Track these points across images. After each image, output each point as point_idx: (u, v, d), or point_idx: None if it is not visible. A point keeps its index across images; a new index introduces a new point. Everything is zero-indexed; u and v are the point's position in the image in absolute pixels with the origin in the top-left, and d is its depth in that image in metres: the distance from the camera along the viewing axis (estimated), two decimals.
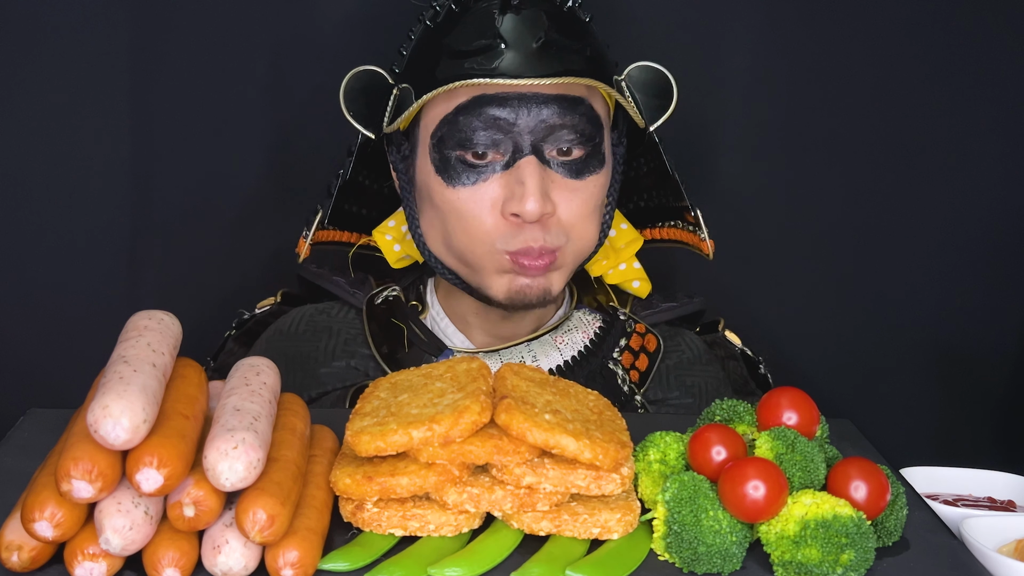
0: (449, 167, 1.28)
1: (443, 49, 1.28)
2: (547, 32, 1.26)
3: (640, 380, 1.40)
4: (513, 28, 1.26)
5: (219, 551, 0.85)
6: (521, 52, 1.25)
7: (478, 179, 1.27)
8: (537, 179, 1.25)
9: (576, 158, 1.28)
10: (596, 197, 1.31)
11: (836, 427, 1.13)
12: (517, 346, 1.39)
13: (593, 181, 1.30)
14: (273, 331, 1.45)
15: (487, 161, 1.27)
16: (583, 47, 1.28)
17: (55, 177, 1.63)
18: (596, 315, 1.45)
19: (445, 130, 1.27)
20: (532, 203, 1.24)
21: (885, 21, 1.69)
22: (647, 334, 1.44)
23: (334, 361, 1.38)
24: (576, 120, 1.27)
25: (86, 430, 0.84)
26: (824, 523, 0.88)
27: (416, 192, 1.35)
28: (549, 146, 1.27)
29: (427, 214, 1.34)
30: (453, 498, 0.92)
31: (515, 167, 1.26)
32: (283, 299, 1.50)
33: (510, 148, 1.26)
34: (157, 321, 0.96)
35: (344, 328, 1.41)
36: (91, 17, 1.59)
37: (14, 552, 0.85)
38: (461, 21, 1.28)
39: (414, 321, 1.40)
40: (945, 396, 1.81)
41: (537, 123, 1.25)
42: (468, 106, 1.25)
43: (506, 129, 1.25)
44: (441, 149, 1.28)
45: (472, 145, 1.26)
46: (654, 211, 1.49)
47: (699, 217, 1.42)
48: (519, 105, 1.25)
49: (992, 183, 1.74)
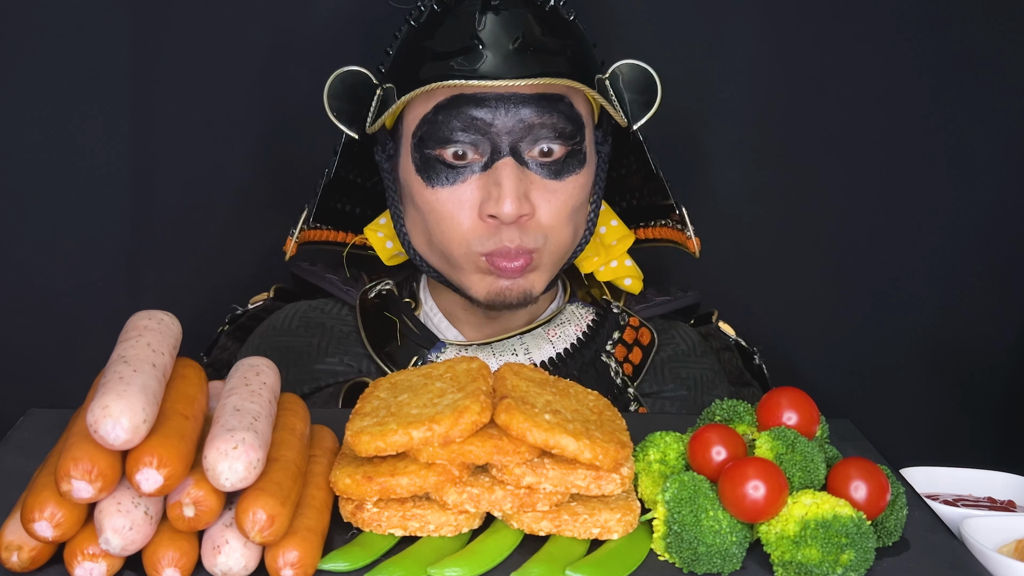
0: (429, 167, 1.29)
1: (424, 50, 1.29)
2: (525, 33, 1.26)
3: (634, 373, 1.41)
4: (492, 30, 1.27)
5: (219, 551, 0.85)
6: (499, 54, 1.25)
7: (456, 180, 1.28)
8: (514, 181, 1.25)
9: (556, 158, 1.28)
10: (576, 198, 1.31)
11: (836, 427, 1.13)
12: (509, 339, 1.39)
13: (573, 182, 1.30)
14: (267, 326, 1.45)
15: (466, 162, 1.27)
16: (563, 47, 1.29)
17: (55, 177, 1.63)
18: (589, 309, 1.45)
19: (425, 129, 1.28)
20: (508, 205, 1.24)
21: (885, 20, 1.69)
22: (641, 327, 1.44)
23: (328, 357, 1.39)
24: (555, 119, 1.27)
25: (86, 430, 0.84)
26: (824, 523, 0.88)
27: (400, 191, 1.36)
28: (527, 146, 1.27)
29: (410, 213, 1.35)
30: (453, 498, 0.92)
31: (492, 168, 1.27)
32: (276, 294, 1.50)
33: (488, 149, 1.27)
34: (157, 321, 0.96)
35: (338, 325, 1.42)
36: (90, 18, 1.59)
37: (14, 552, 0.85)
38: (443, 22, 1.29)
39: (407, 315, 1.41)
40: (945, 396, 1.81)
41: (515, 123, 1.26)
42: (446, 105, 1.26)
43: (484, 130, 1.26)
44: (421, 149, 1.29)
45: (451, 144, 1.27)
46: (644, 210, 1.49)
47: (684, 215, 1.42)
48: (497, 105, 1.25)
49: (992, 183, 1.74)
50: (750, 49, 1.70)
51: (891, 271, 1.76)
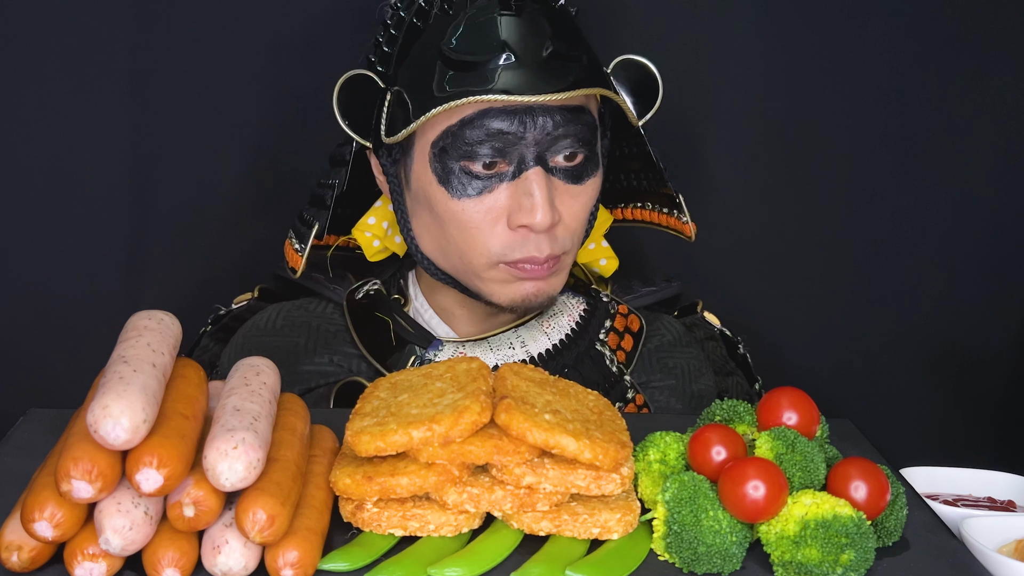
0: (452, 178, 1.26)
1: (443, 56, 1.24)
2: (552, 40, 1.24)
3: (627, 360, 1.41)
4: (519, 36, 1.23)
5: (219, 551, 0.85)
6: (531, 65, 1.22)
7: (483, 190, 1.25)
8: (545, 190, 1.24)
9: (578, 163, 1.28)
10: (594, 199, 1.32)
11: (836, 427, 1.13)
12: (505, 333, 1.38)
13: (591, 184, 1.30)
14: (250, 326, 1.43)
15: (493, 172, 1.25)
16: (581, 53, 1.27)
17: (55, 177, 1.63)
18: (579, 298, 1.44)
19: (448, 141, 1.25)
20: (542, 215, 1.23)
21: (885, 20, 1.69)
22: (630, 315, 1.44)
23: (316, 357, 1.37)
24: (578, 129, 1.26)
25: (86, 430, 0.84)
26: (824, 523, 0.88)
27: (410, 196, 1.33)
28: (552, 155, 1.26)
29: (423, 219, 1.32)
30: (453, 498, 0.92)
31: (521, 178, 1.25)
32: (260, 295, 1.48)
33: (515, 159, 1.25)
34: (157, 321, 0.96)
35: (323, 324, 1.40)
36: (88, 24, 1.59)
37: (14, 552, 0.85)
38: (458, 24, 1.25)
39: (399, 314, 1.39)
40: (945, 396, 1.81)
41: (543, 135, 1.24)
42: (473, 119, 1.23)
43: (512, 141, 1.23)
44: (444, 160, 1.26)
45: (477, 157, 1.24)
46: (624, 192, 1.48)
47: (682, 202, 1.41)
48: (525, 117, 1.23)
49: (992, 184, 1.74)
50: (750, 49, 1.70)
51: (891, 272, 1.77)
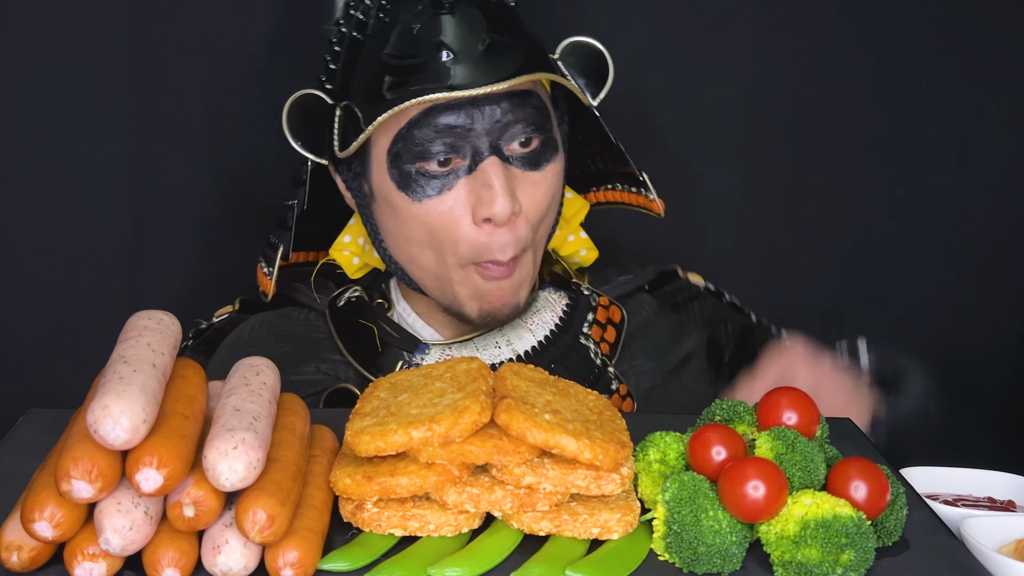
0: (411, 181, 1.26)
1: (385, 64, 1.26)
2: (488, 33, 1.25)
3: (611, 352, 1.41)
4: (455, 34, 1.24)
5: (219, 551, 0.85)
6: (469, 59, 1.23)
7: (443, 188, 1.26)
8: (503, 179, 1.24)
9: (534, 148, 1.28)
10: (556, 185, 1.32)
11: (836, 427, 1.13)
12: (490, 333, 1.38)
13: (551, 170, 1.30)
14: (234, 338, 1.43)
15: (449, 168, 1.26)
16: (521, 40, 1.28)
17: (55, 178, 1.63)
18: (561, 293, 1.44)
19: (400, 146, 1.26)
20: (501, 203, 1.23)
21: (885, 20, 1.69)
22: (611, 306, 1.44)
23: (302, 367, 1.36)
24: (528, 113, 1.26)
25: (86, 430, 0.84)
26: (824, 523, 0.88)
27: (376, 208, 1.33)
28: (506, 142, 1.26)
29: (390, 229, 1.32)
30: (453, 498, 0.92)
31: (479, 170, 1.25)
32: (241, 307, 1.48)
33: (469, 152, 1.25)
34: (157, 321, 0.96)
35: (308, 332, 1.40)
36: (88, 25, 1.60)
37: (14, 552, 0.85)
38: (396, 31, 1.27)
39: (383, 319, 1.39)
40: (945, 396, 1.81)
41: (492, 123, 1.25)
42: (420, 119, 1.24)
43: (462, 134, 1.24)
44: (399, 165, 1.26)
45: (431, 156, 1.25)
46: (593, 175, 1.48)
47: (647, 180, 1.41)
48: (471, 108, 1.24)
49: (991, 184, 1.75)
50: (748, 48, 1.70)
51: (891, 271, 1.76)
